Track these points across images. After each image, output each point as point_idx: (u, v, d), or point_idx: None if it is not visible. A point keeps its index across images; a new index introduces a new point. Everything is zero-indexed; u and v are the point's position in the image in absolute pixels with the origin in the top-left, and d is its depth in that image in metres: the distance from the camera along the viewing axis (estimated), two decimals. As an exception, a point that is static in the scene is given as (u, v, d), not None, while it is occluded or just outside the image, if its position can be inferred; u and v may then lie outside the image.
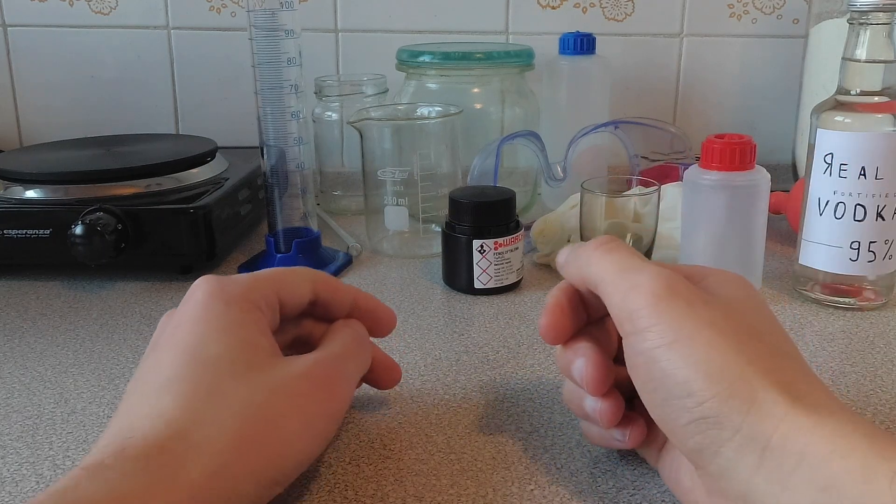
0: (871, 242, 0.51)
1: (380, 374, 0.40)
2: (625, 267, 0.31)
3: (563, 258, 0.36)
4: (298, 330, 0.39)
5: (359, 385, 0.39)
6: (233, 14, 0.89)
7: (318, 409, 0.33)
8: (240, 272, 0.61)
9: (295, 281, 0.37)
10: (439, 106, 0.67)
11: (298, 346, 0.38)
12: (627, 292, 0.30)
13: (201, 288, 0.34)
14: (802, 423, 0.26)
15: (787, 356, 0.30)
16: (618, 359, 0.35)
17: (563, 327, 0.35)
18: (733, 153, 0.51)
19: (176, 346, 0.32)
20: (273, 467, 0.31)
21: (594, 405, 0.34)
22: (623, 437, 0.34)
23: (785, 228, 0.69)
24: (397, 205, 0.63)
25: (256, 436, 0.30)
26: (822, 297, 0.55)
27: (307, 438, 0.32)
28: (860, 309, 0.54)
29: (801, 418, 0.26)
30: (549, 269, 0.62)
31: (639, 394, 0.31)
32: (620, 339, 0.32)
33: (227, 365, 0.31)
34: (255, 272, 0.36)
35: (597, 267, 0.32)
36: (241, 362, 0.31)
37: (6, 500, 0.34)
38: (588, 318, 0.36)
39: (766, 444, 0.26)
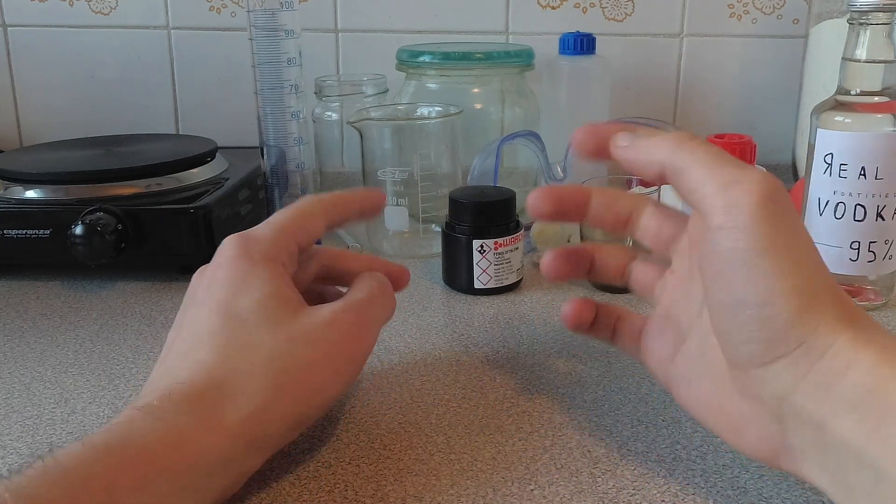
0: (871, 242, 0.51)
1: (391, 281, 0.42)
2: (726, 160, 0.30)
3: (627, 141, 0.33)
4: (318, 264, 0.42)
5: None
6: (233, 14, 0.89)
7: (344, 355, 0.36)
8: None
9: (311, 223, 0.40)
10: (439, 106, 0.66)
11: (323, 277, 0.42)
12: (728, 185, 0.29)
13: (229, 247, 0.37)
14: (858, 337, 0.27)
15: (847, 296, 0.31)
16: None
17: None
18: (733, 153, 0.51)
19: (211, 301, 0.35)
20: (301, 410, 0.34)
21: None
22: (566, 310, 0.39)
23: (785, 228, 0.69)
24: (397, 205, 0.63)
25: (287, 382, 0.33)
26: (822, 297, 0.54)
27: (333, 382, 0.35)
28: (860, 309, 0.54)
29: (856, 334, 0.27)
30: (549, 269, 0.62)
31: (703, 283, 0.30)
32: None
33: (258, 319, 0.34)
34: (274, 221, 0.39)
35: (690, 154, 0.30)
36: (270, 315, 0.34)
37: (6, 500, 0.34)
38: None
39: (821, 356, 0.27)
